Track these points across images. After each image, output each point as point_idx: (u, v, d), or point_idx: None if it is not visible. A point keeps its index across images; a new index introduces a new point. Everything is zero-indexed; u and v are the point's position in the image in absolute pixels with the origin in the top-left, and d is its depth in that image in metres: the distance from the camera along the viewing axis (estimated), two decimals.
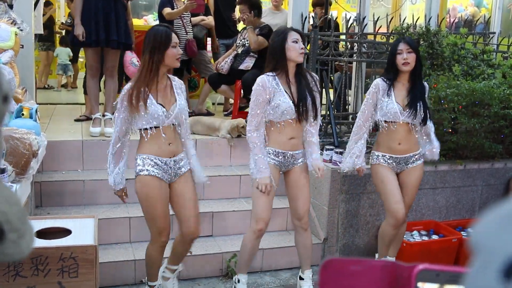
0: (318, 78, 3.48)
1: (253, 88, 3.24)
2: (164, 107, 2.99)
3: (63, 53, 10.01)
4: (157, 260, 3.27)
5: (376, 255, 3.95)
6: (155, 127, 2.98)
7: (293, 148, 3.35)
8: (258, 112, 3.21)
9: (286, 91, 3.22)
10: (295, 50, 3.20)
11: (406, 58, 3.43)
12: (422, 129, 3.63)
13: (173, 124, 3.04)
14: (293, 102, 3.21)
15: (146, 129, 2.97)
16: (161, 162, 3.03)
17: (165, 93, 3.04)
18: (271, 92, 3.19)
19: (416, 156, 3.65)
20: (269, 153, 3.32)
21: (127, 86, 3.00)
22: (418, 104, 3.49)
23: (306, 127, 3.36)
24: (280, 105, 3.17)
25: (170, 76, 3.15)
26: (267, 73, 3.25)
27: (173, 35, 3.00)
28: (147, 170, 3.00)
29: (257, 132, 3.24)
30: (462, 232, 4.52)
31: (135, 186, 3.05)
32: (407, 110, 3.49)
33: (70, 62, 10.09)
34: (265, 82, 3.19)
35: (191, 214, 3.16)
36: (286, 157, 3.34)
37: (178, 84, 3.15)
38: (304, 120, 3.27)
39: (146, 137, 2.99)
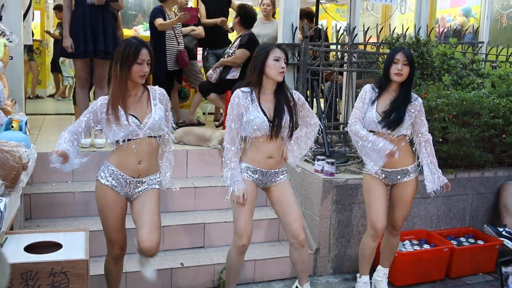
0: (300, 96, 3.41)
1: (230, 102, 3.24)
2: (137, 118, 2.93)
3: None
4: (112, 273, 3.22)
5: (358, 275, 3.93)
6: (128, 140, 2.91)
7: (271, 167, 3.29)
8: (232, 126, 3.19)
9: (261, 107, 3.18)
10: (275, 68, 3.15)
11: (400, 69, 3.43)
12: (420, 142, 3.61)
13: (149, 137, 2.95)
14: (268, 119, 3.16)
15: (118, 141, 2.92)
16: (122, 179, 2.98)
17: (139, 104, 2.97)
18: (243, 107, 3.17)
19: (410, 170, 3.62)
20: (246, 169, 3.27)
21: (104, 98, 2.97)
22: (394, 113, 3.44)
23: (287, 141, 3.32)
24: (253, 120, 3.13)
25: (150, 86, 3.08)
26: (242, 88, 3.23)
27: (143, 51, 2.89)
28: (107, 180, 2.98)
29: (234, 147, 3.22)
30: (453, 242, 4.53)
31: (95, 191, 3.05)
32: (383, 120, 3.45)
33: (71, 74, 10.16)
34: (238, 96, 3.18)
35: (152, 233, 2.98)
36: (264, 175, 3.30)
37: (158, 94, 3.05)
38: (277, 137, 3.19)
39: (116, 150, 2.96)
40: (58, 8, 9.25)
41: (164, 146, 3.18)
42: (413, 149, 3.72)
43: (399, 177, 3.61)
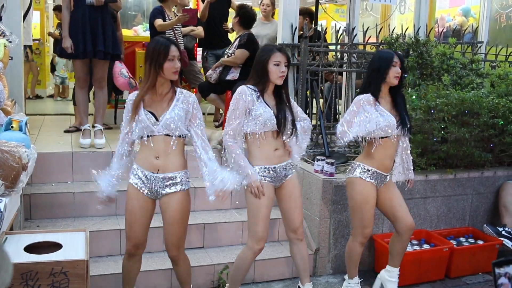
0: (296, 104, 3.48)
1: (233, 96, 3.25)
2: (155, 116, 2.97)
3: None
4: (127, 269, 3.23)
5: (346, 276, 3.90)
6: (147, 136, 2.97)
7: (280, 159, 3.31)
8: (236, 121, 3.22)
9: (267, 104, 3.23)
10: (275, 73, 3.21)
11: (399, 72, 3.42)
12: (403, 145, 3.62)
13: (167, 136, 2.98)
14: (274, 114, 3.22)
15: (142, 137, 2.99)
16: (143, 175, 3.02)
17: (161, 102, 3.01)
18: (250, 102, 3.20)
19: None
20: (259, 172, 3.26)
21: (133, 95, 3.04)
22: (404, 115, 3.49)
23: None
24: (263, 115, 3.17)
25: (180, 89, 3.09)
26: (248, 86, 3.26)
27: (172, 48, 2.98)
28: (132, 179, 3.06)
29: (235, 140, 3.25)
30: (453, 241, 4.53)
31: None
32: (398, 122, 3.46)
33: (61, 74, 10.16)
34: (246, 92, 3.21)
35: (170, 237, 3.11)
36: (277, 171, 3.31)
37: (183, 97, 3.05)
38: (282, 132, 3.25)
39: (139, 146, 3.05)
40: (58, 9, 9.25)
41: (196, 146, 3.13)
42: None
43: (386, 180, 3.62)
